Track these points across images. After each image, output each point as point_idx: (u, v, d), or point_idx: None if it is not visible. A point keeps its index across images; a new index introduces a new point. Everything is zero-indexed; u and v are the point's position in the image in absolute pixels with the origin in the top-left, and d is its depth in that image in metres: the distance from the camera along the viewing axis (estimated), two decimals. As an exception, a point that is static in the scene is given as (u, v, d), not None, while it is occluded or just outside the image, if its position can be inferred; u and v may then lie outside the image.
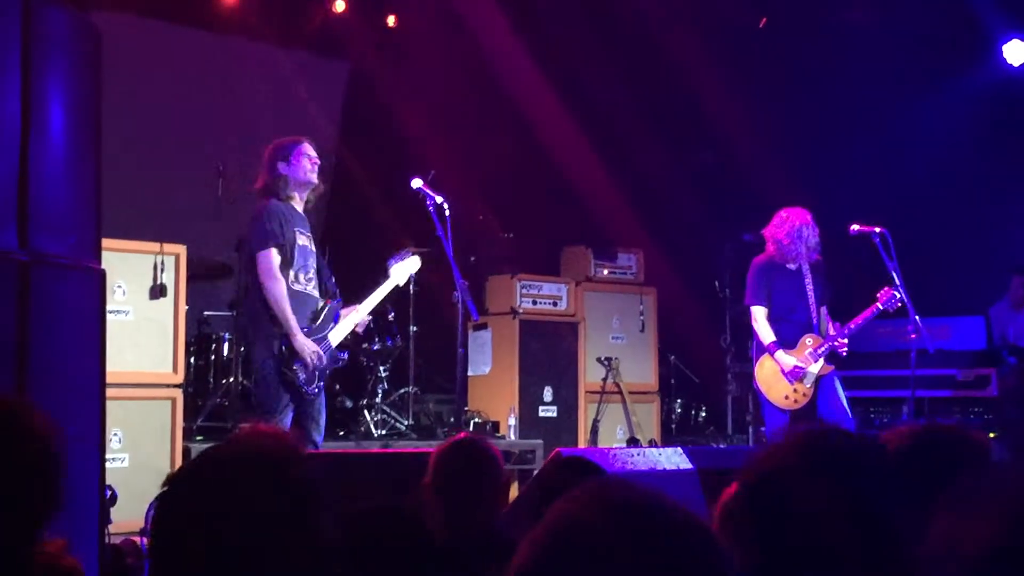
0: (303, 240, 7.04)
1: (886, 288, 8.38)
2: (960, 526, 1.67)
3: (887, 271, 8.35)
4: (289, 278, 6.92)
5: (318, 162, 7.17)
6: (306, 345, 6.86)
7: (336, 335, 7.12)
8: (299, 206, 7.14)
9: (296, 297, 6.94)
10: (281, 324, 6.82)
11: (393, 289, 7.54)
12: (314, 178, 7.14)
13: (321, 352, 6.91)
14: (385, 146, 11.54)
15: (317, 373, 6.91)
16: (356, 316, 7.28)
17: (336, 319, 7.16)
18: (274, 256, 6.85)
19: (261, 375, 6.95)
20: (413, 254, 7.67)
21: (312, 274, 7.10)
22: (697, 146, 12.51)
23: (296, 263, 6.96)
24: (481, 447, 3.94)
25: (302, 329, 6.89)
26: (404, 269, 7.58)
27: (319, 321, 7.03)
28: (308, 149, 7.15)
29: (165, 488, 2.04)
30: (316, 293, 7.13)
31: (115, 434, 7.57)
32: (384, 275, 7.55)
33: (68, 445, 2.60)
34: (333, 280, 7.35)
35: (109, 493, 6.08)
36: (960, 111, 10.74)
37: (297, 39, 11.52)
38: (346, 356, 7.38)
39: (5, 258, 4.13)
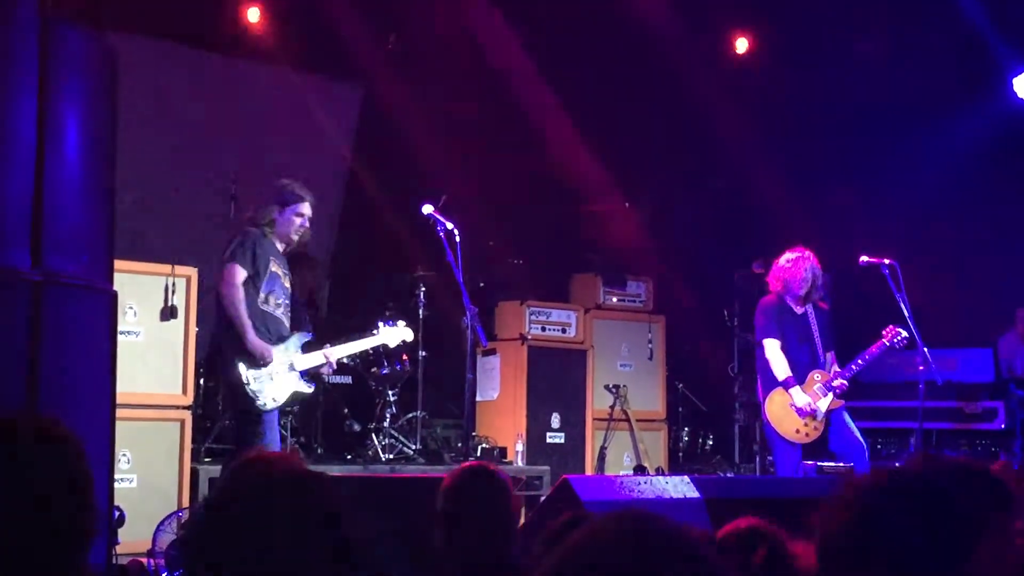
0: (277, 270, 7.22)
1: (891, 326, 8.40)
2: None
3: (896, 303, 8.36)
4: (259, 298, 7.08)
5: (307, 227, 7.40)
6: (258, 346, 6.99)
7: (302, 362, 7.32)
8: (279, 246, 7.32)
9: (265, 316, 7.14)
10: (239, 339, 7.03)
11: (378, 347, 7.90)
12: (294, 239, 7.40)
13: (272, 351, 7.04)
14: (397, 170, 11.56)
15: (274, 392, 7.05)
16: (320, 357, 7.44)
17: (302, 350, 7.36)
18: (238, 271, 7.07)
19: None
20: (407, 327, 8.10)
21: (282, 302, 7.29)
22: (709, 175, 12.52)
23: (266, 286, 7.16)
24: (491, 475, 3.94)
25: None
26: (395, 334, 8.01)
27: (285, 344, 7.22)
28: (305, 209, 7.38)
29: (203, 505, 2.08)
30: (286, 320, 7.30)
31: (124, 455, 7.58)
32: (371, 331, 7.98)
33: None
34: (308, 325, 7.64)
35: (117, 514, 6.09)
36: (969, 144, 10.76)
37: (311, 62, 11.55)
38: (313, 387, 7.53)
39: (18, 278, 4.16)
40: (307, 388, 7.39)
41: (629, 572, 1.50)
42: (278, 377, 7.11)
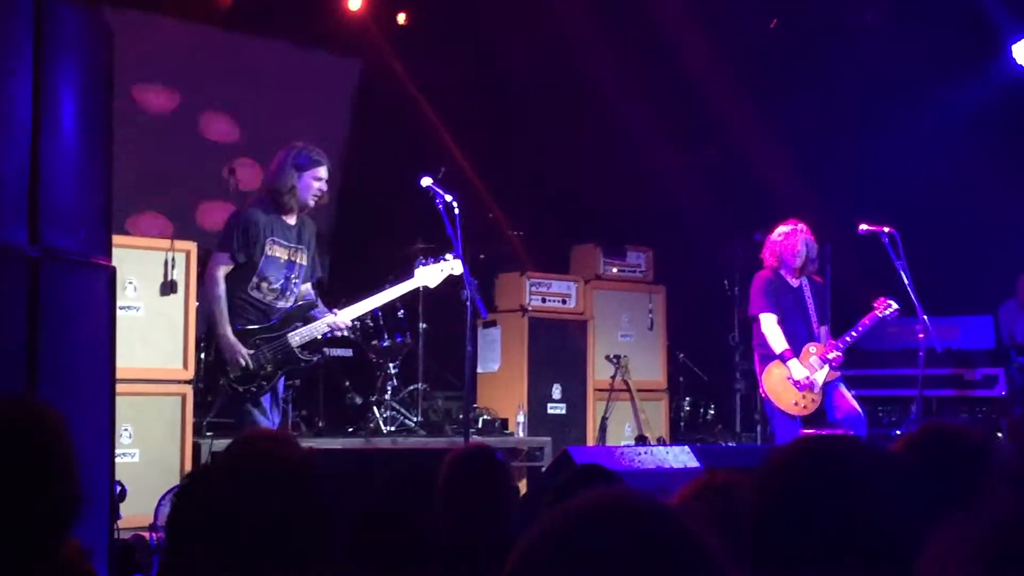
0: (277, 251, 7.15)
1: (882, 298, 8.43)
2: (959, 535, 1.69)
3: (895, 270, 8.37)
4: (250, 283, 7.05)
5: (325, 189, 7.29)
6: (229, 346, 6.99)
7: (300, 335, 7.20)
8: (291, 218, 7.23)
9: (255, 303, 7.08)
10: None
11: (418, 289, 7.64)
12: (311, 205, 7.26)
13: (246, 353, 6.99)
14: (395, 144, 11.55)
15: (261, 373, 7.01)
16: (330, 320, 7.32)
17: (307, 320, 7.26)
18: (220, 263, 7.10)
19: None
20: (452, 259, 7.65)
21: (279, 285, 7.19)
22: (707, 144, 12.49)
23: (260, 272, 7.09)
24: (488, 457, 3.97)
25: (250, 325, 7.08)
26: (435, 273, 7.64)
27: (280, 319, 7.16)
28: (323, 172, 7.26)
29: (182, 487, 2.08)
30: (282, 303, 7.25)
31: (125, 429, 7.60)
32: (407, 275, 7.67)
33: (79, 441, 2.62)
34: (312, 286, 7.48)
35: (119, 489, 6.11)
36: (969, 111, 10.74)
37: (310, 37, 11.54)
38: (315, 359, 7.50)
39: (16, 254, 4.16)
40: (306, 363, 7.36)
41: (607, 551, 1.50)
42: (267, 364, 7.10)
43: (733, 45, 11.78)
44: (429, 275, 7.62)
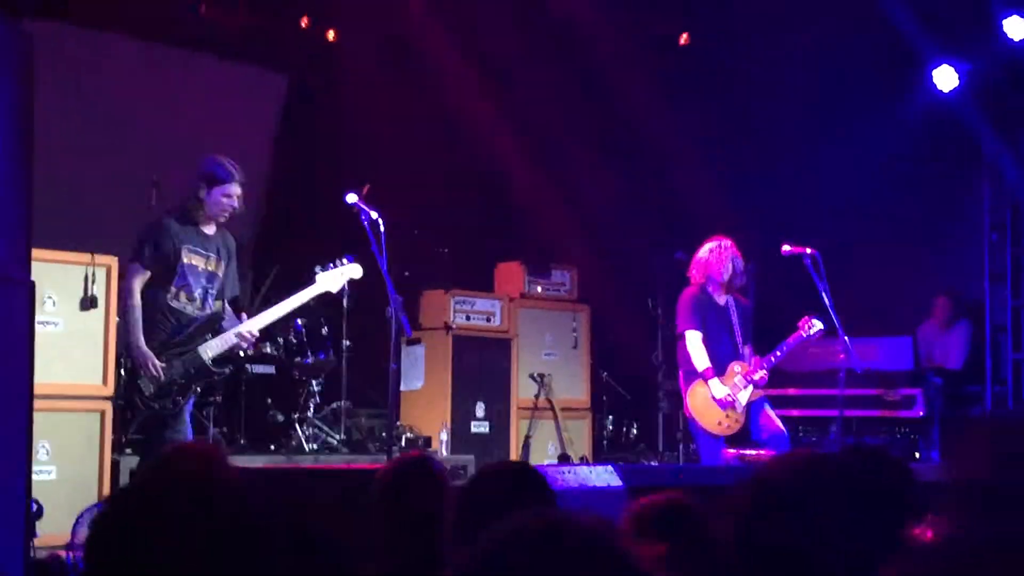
0: (194, 260, 7.06)
1: (806, 317, 8.50)
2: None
3: (817, 292, 8.45)
4: (169, 294, 6.97)
5: (235, 206, 7.18)
6: (141, 356, 6.89)
7: (211, 348, 7.08)
8: (208, 228, 7.16)
9: (172, 314, 7.01)
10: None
11: (320, 296, 7.49)
12: (223, 219, 7.18)
13: (158, 364, 6.89)
14: (321, 160, 11.51)
15: (174, 388, 6.92)
16: (231, 338, 7.16)
17: (217, 332, 7.14)
18: (135, 272, 6.98)
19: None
20: (354, 261, 7.54)
21: (198, 294, 7.10)
22: (631, 163, 12.55)
23: (178, 281, 7.00)
24: (428, 465, 3.92)
25: (161, 338, 6.96)
26: (336, 277, 7.48)
27: (190, 332, 7.03)
28: (234, 189, 7.15)
29: (101, 510, 2.03)
30: (200, 313, 7.14)
31: (43, 446, 7.48)
32: (308, 282, 7.48)
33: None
34: (223, 297, 7.33)
35: (35, 507, 6.01)
36: (890, 134, 10.88)
37: (235, 51, 11.46)
38: (227, 371, 7.41)
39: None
40: (219, 375, 7.29)
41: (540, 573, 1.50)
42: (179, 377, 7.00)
43: (658, 63, 11.87)
44: (330, 280, 7.46)
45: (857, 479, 2.55)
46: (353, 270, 7.53)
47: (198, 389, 7.19)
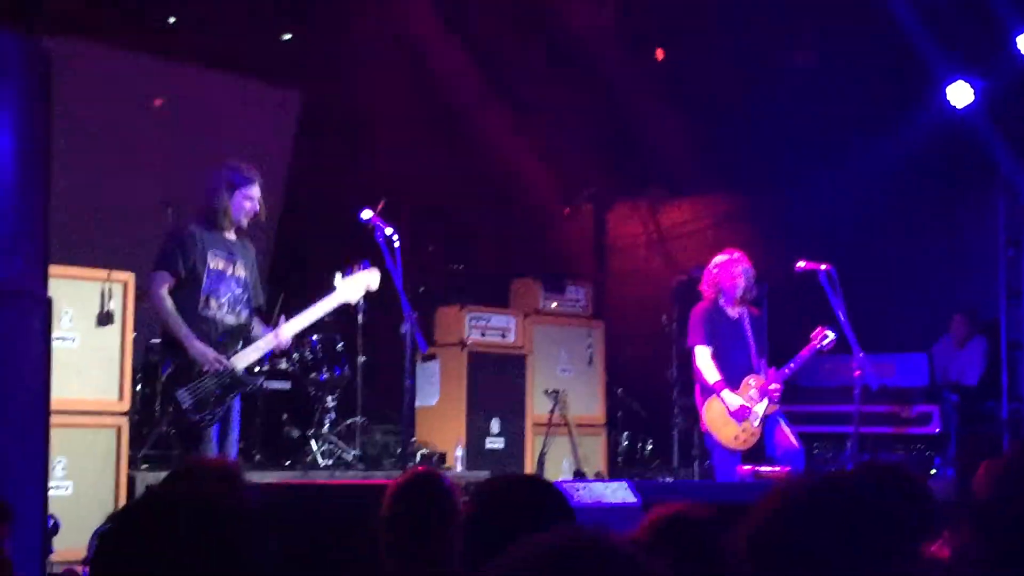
0: (220, 264, 7.07)
1: (819, 328, 8.48)
2: None
3: (831, 310, 8.43)
4: (199, 303, 6.97)
5: (257, 209, 7.21)
6: (201, 354, 6.88)
7: (244, 358, 7.07)
8: (231, 234, 7.18)
9: (205, 322, 6.98)
10: (172, 347, 6.92)
11: (341, 305, 7.48)
12: (244, 224, 7.20)
13: (220, 357, 6.90)
14: (336, 175, 11.52)
15: (211, 399, 6.91)
16: (272, 339, 7.18)
17: (248, 342, 7.13)
18: (162, 280, 6.96)
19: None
20: (371, 267, 7.48)
21: (226, 300, 7.10)
22: (644, 181, 12.57)
23: (206, 287, 7.01)
24: (437, 481, 3.91)
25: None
26: (356, 285, 7.44)
27: (222, 342, 7.03)
28: (255, 191, 7.18)
29: (106, 528, 2.03)
30: (232, 320, 7.14)
31: (59, 462, 7.49)
32: (329, 290, 7.44)
33: (8, 474, 2.58)
34: (251, 306, 7.32)
35: (52, 522, 6.02)
36: (905, 151, 10.86)
37: (250, 67, 11.50)
38: (260, 381, 7.39)
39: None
40: (253, 385, 7.28)
41: None
42: (216, 388, 6.98)
43: (670, 83, 11.88)
44: (351, 287, 7.41)
45: (874, 497, 2.55)
46: (372, 276, 7.47)
47: (232, 400, 7.14)
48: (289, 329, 7.26)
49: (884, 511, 2.37)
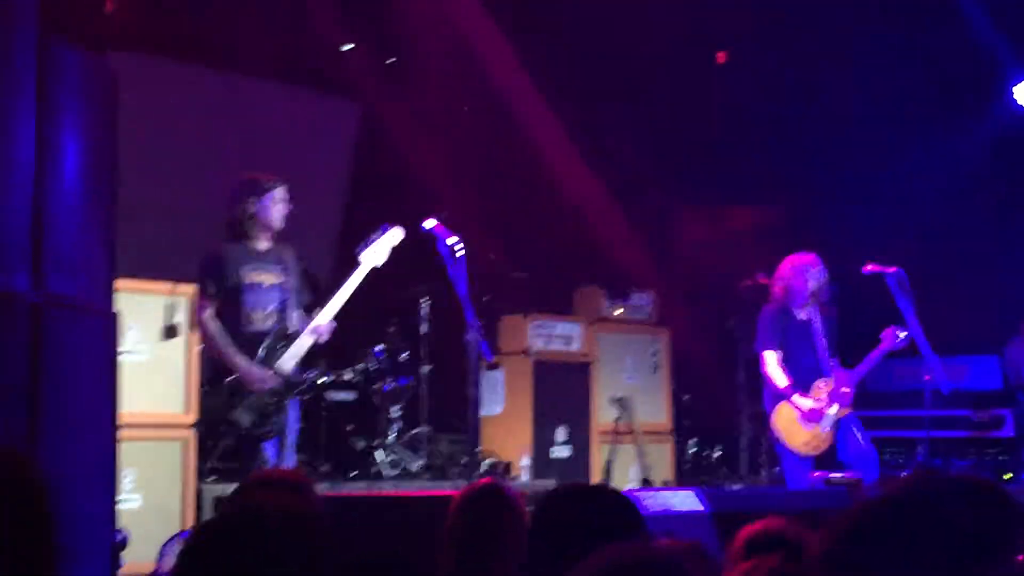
0: (258, 277, 7.13)
1: (889, 328, 8.38)
2: None
3: (899, 314, 8.33)
4: (242, 320, 7.02)
5: (285, 211, 7.27)
6: (249, 375, 6.96)
7: (289, 359, 7.14)
8: (263, 244, 7.22)
9: (249, 339, 7.07)
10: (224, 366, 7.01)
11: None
12: (280, 226, 7.24)
13: (266, 377, 6.97)
14: (397, 186, 11.53)
15: (270, 408, 6.96)
16: (310, 335, 7.24)
17: (290, 341, 7.18)
18: (205, 305, 7.12)
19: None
20: (390, 230, 7.55)
21: (272, 309, 7.17)
22: (709, 188, 12.50)
23: (247, 303, 7.07)
24: (501, 492, 3.89)
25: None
26: (379, 249, 7.50)
27: (267, 350, 7.09)
28: (281, 193, 7.25)
29: (188, 543, 2.03)
30: (275, 327, 7.22)
31: (127, 475, 7.54)
32: (354, 266, 7.50)
33: (78, 488, 2.58)
34: (295, 309, 7.36)
35: (120, 536, 6.05)
36: (974, 151, 10.74)
37: (308, 78, 11.54)
38: (312, 375, 7.44)
39: (19, 300, 4.12)
40: (309, 379, 7.34)
41: None
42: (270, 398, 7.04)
43: (735, 85, 11.80)
44: (374, 255, 7.48)
45: (960, 509, 2.49)
46: (393, 236, 7.54)
47: (289, 405, 7.19)
48: (324, 316, 7.31)
49: (963, 526, 2.31)
